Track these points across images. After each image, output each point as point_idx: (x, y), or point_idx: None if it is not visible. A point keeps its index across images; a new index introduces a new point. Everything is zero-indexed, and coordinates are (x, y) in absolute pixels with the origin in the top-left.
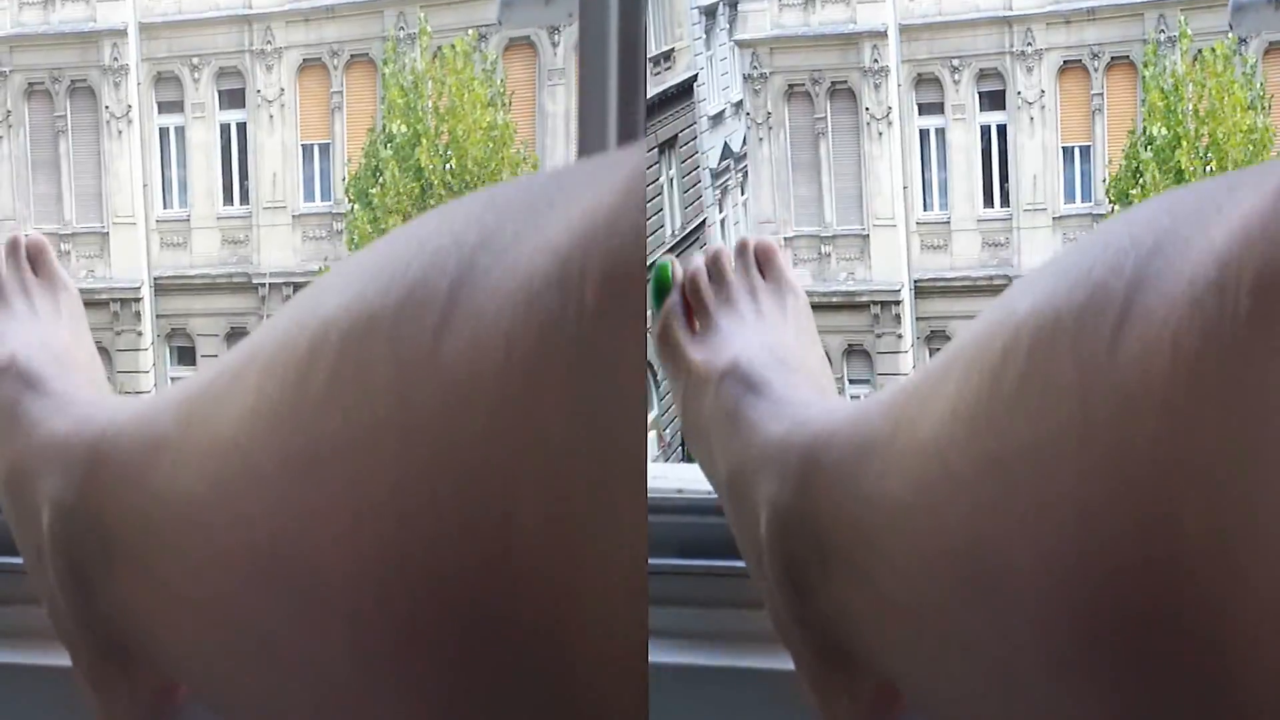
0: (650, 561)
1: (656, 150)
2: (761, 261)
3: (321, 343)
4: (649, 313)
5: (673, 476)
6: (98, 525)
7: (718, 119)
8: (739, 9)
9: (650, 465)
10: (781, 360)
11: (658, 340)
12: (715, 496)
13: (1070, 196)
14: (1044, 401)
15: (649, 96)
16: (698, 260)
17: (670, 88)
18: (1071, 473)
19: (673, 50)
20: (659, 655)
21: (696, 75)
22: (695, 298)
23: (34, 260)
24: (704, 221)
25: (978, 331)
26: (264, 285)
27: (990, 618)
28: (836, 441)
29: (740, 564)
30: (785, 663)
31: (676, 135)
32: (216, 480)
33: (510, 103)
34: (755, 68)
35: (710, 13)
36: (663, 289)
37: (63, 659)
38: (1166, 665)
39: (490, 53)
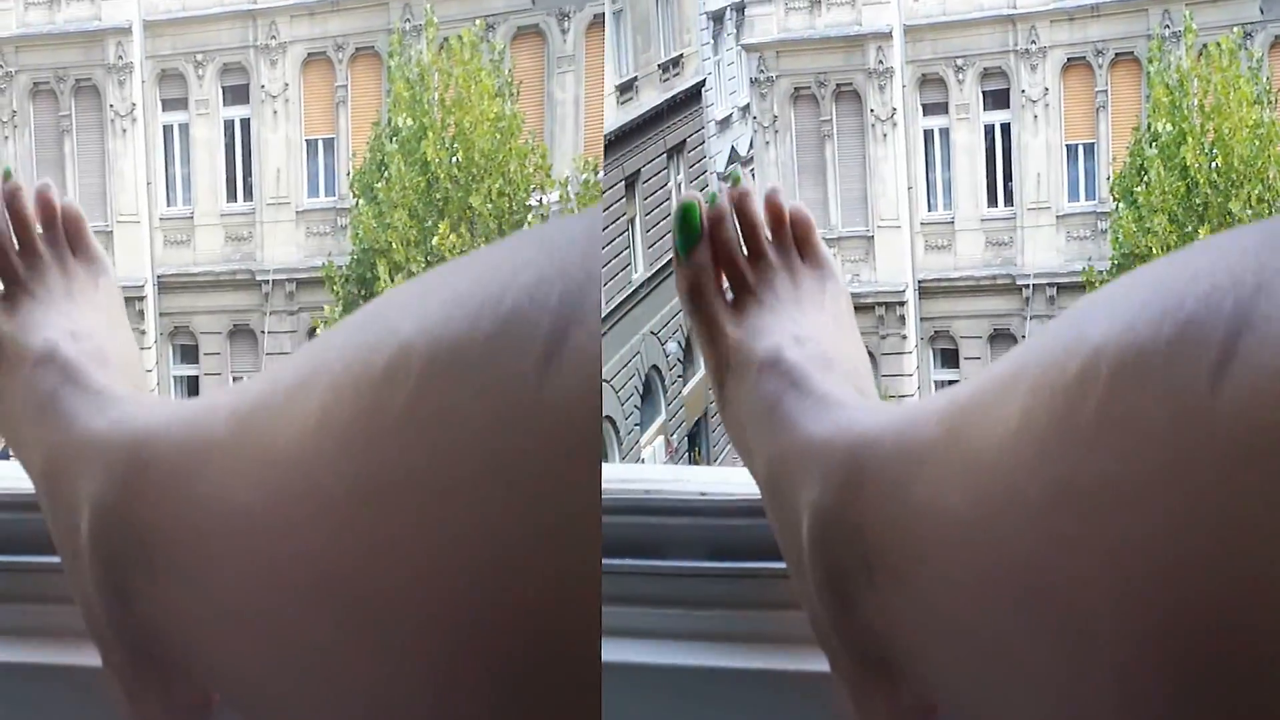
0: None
1: (665, 155)
2: (798, 235)
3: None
4: (676, 256)
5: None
6: (139, 528)
7: (725, 123)
8: (746, 14)
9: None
10: (823, 353)
11: (686, 297)
12: (732, 499)
13: (1074, 195)
14: (1128, 436)
15: (660, 103)
16: (728, 217)
17: (678, 93)
18: (1159, 514)
19: (681, 56)
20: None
21: (704, 80)
22: (730, 267)
23: (71, 234)
24: None
25: (1043, 351)
26: (267, 282)
27: (1061, 651)
28: (884, 448)
29: (766, 565)
30: (785, 664)
31: (684, 140)
32: (272, 493)
33: (518, 93)
34: (762, 71)
35: (718, 18)
36: (688, 231)
37: (94, 659)
38: None
39: (498, 42)
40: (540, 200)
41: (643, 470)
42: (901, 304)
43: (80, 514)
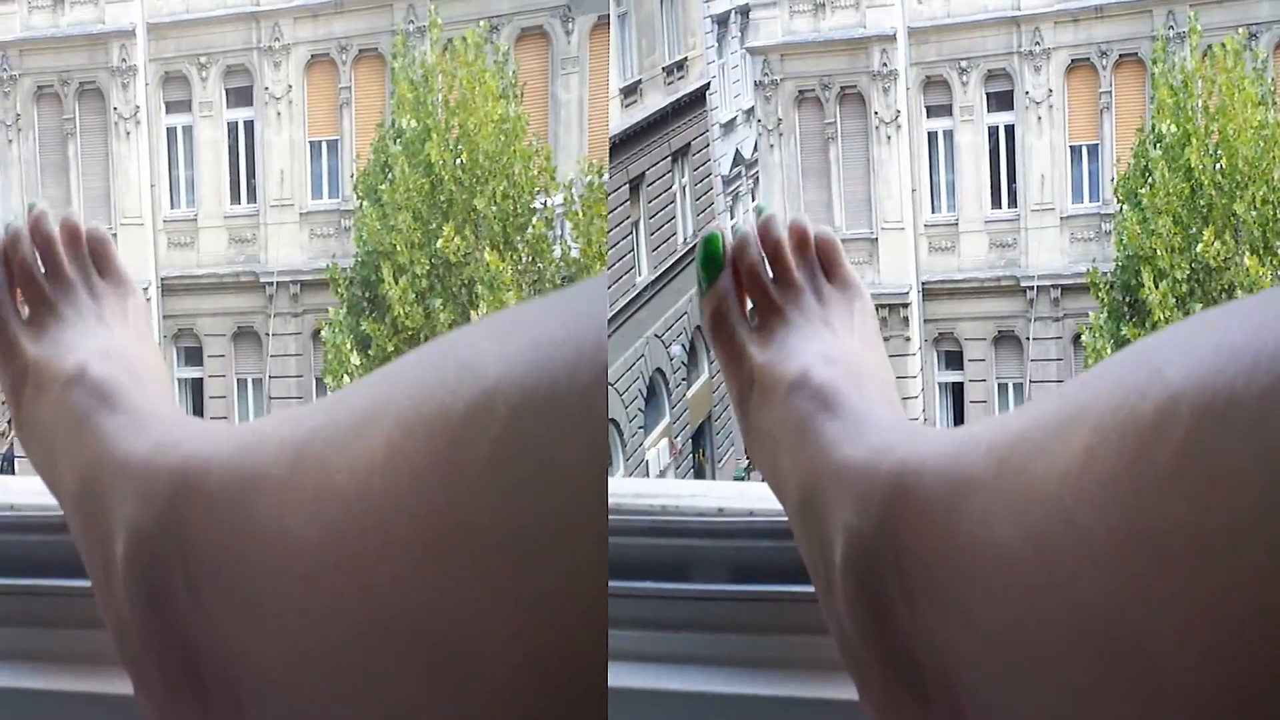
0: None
1: (669, 158)
2: (824, 258)
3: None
4: (699, 287)
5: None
6: (183, 554)
7: (729, 126)
8: (751, 17)
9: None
10: (853, 373)
11: (709, 324)
12: (753, 521)
13: (1078, 196)
14: (1214, 485)
15: (665, 105)
16: (753, 243)
17: (683, 96)
18: (1247, 567)
19: (685, 60)
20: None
21: (709, 84)
22: (755, 288)
23: (97, 258)
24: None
25: (1110, 390)
26: (271, 284)
27: (1132, 704)
28: (929, 474)
29: (790, 589)
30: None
31: (689, 144)
32: (332, 528)
33: (522, 94)
34: (766, 74)
35: (722, 21)
36: (712, 263)
37: (124, 686)
38: None
39: (502, 44)
40: (545, 203)
41: (657, 485)
42: (905, 306)
43: (116, 537)
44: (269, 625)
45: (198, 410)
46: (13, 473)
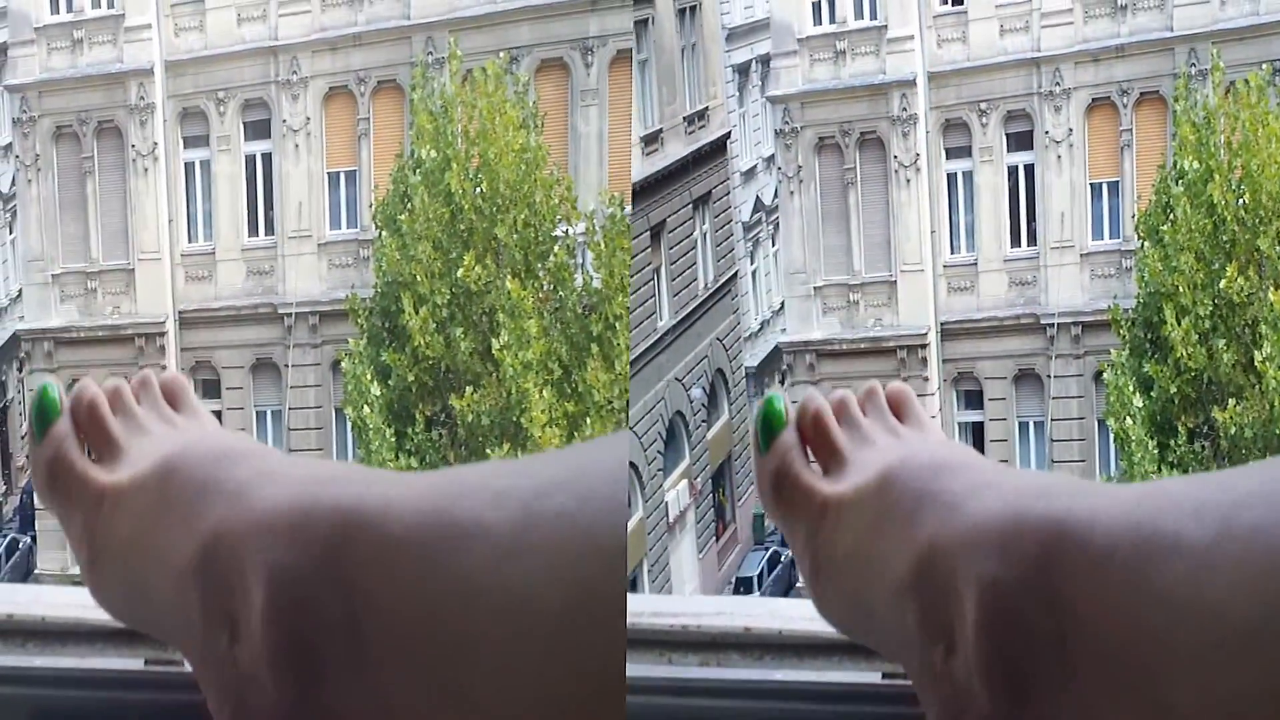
0: None
1: (690, 205)
2: (895, 407)
3: None
4: (757, 449)
5: None
6: (343, 602)
7: (750, 174)
8: (771, 65)
9: None
10: (946, 456)
11: (771, 479)
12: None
13: (1098, 233)
14: None
15: (686, 154)
16: (819, 400)
17: (704, 145)
18: None
19: (707, 109)
20: None
21: (730, 132)
22: (823, 438)
23: (170, 396)
24: (736, 274)
25: None
26: (290, 315)
27: None
28: (1102, 527)
29: None
30: None
31: (710, 191)
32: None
33: (542, 125)
34: (787, 123)
35: (744, 70)
36: (771, 425)
37: None
38: None
39: (522, 75)
40: (566, 231)
41: (676, 603)
42: (924, 346)
43: (253, 587)
44: (457, 697)
45: None
46: (31, 526)
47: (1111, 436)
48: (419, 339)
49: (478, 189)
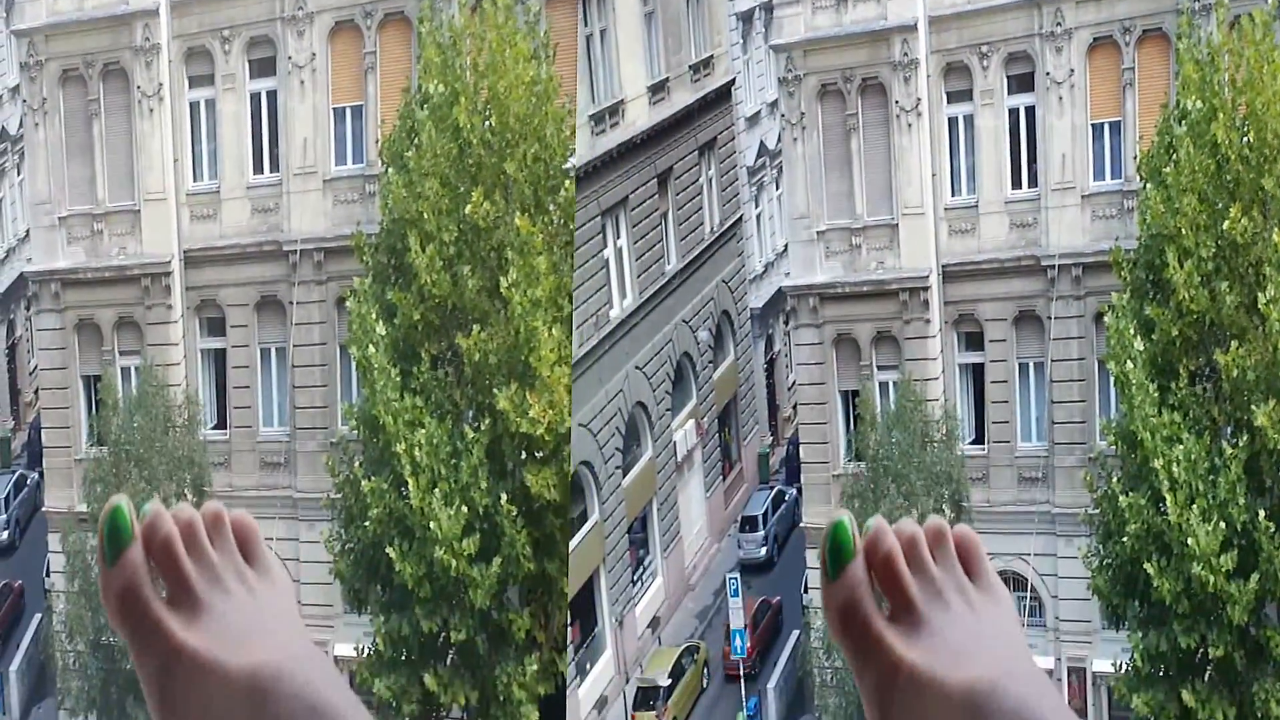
0: None
1: (696, 152)
2: (963, 557)
3: None
4: (825, 574)
5: None
6: None
7: (754, 119)
8: (774, 13)
9: None
10: (1038, 689)
11: (840, 613)
12: None
13: (1100, 174)
14: None
15: (692, 102)
16: (889, 533)
17: (709, 92)
18: None
19: (711, 57)
20: None
21: (734, 79)
22: (894, 583)
23: (242, 543)
24: (740, 217)
25: None
26: (295, 252)
27: None
28: None
29: None
30: None
31: (715, 137)
32: None
33: (554, 55)
34: (790, 70)
35: (747, 19)
36: (841, 550)
37: None
38: None
39: (533, 4)
40: (574, 166)
41: None
42: (925, 289)
43: None
44: None
45: (220, 381)
46: (39, 463)
47: (1112, 380)
48: (425, 277)
49: (486, 123)
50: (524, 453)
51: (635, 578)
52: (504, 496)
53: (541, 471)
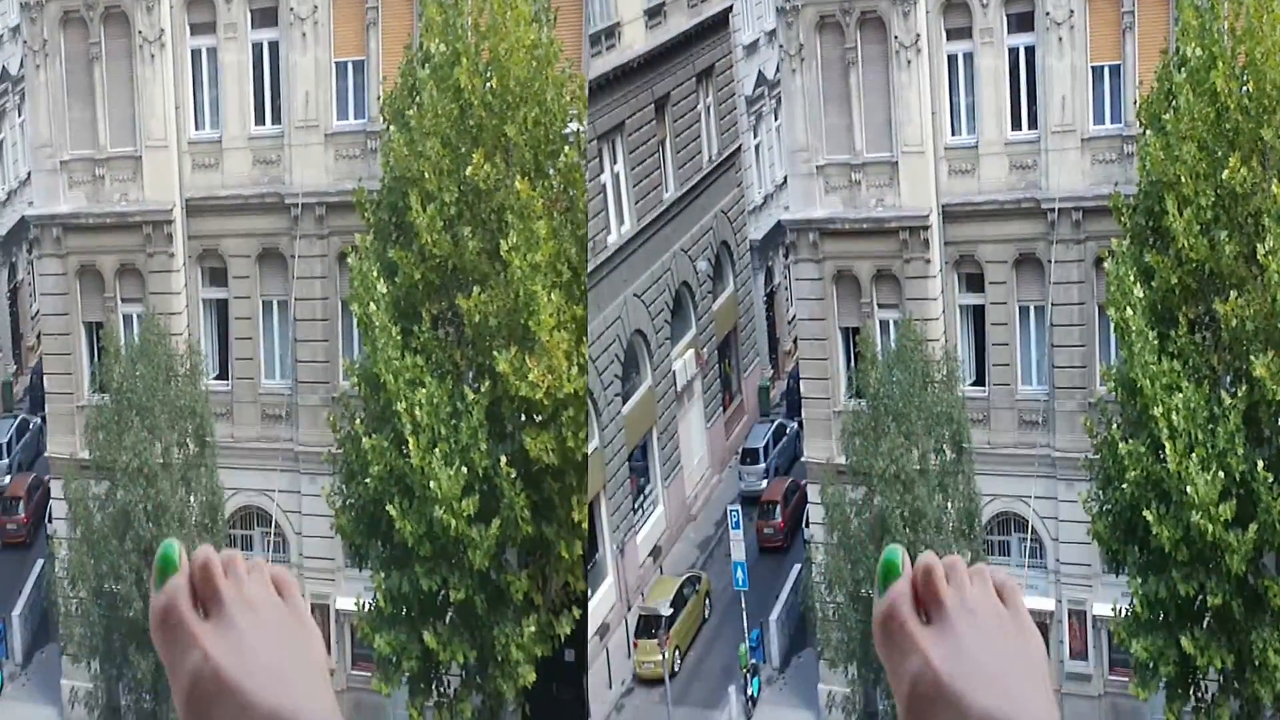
0: None
1: (694, 79)
2: (1001, 593)
3: None
4: (878, 593)
5: None
6: None
7: (752, 48)
8: None
9: None
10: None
11: (883, 618)
12: None
13: (1100, 118)
14: None
15: (689, 27)
16: (933, 558)
17: (706, 19)
18: None
19: None
20: None
21: (731, 6)
22: (930, 588)
23: (278, 587)
24: (739, 147)
25: None
26: (296, 205)
27: None
28: None
29: None
30: None
31: (713, 65)
32: None
33: (555, 18)
34: (788, 0)
35: None
36: (889, 574)
37: None
38: None
39: None
40: (577, 129)
41: None
42: (925, 229)
43: None
44: None
45: (222, 332)
46: (42, 407)
47: (1111, 326)
48: (426, 236)
49: (488, 85)
50: (523, 416)
51: (636, 506)
52: (503, 459)
53: (540, 435)
